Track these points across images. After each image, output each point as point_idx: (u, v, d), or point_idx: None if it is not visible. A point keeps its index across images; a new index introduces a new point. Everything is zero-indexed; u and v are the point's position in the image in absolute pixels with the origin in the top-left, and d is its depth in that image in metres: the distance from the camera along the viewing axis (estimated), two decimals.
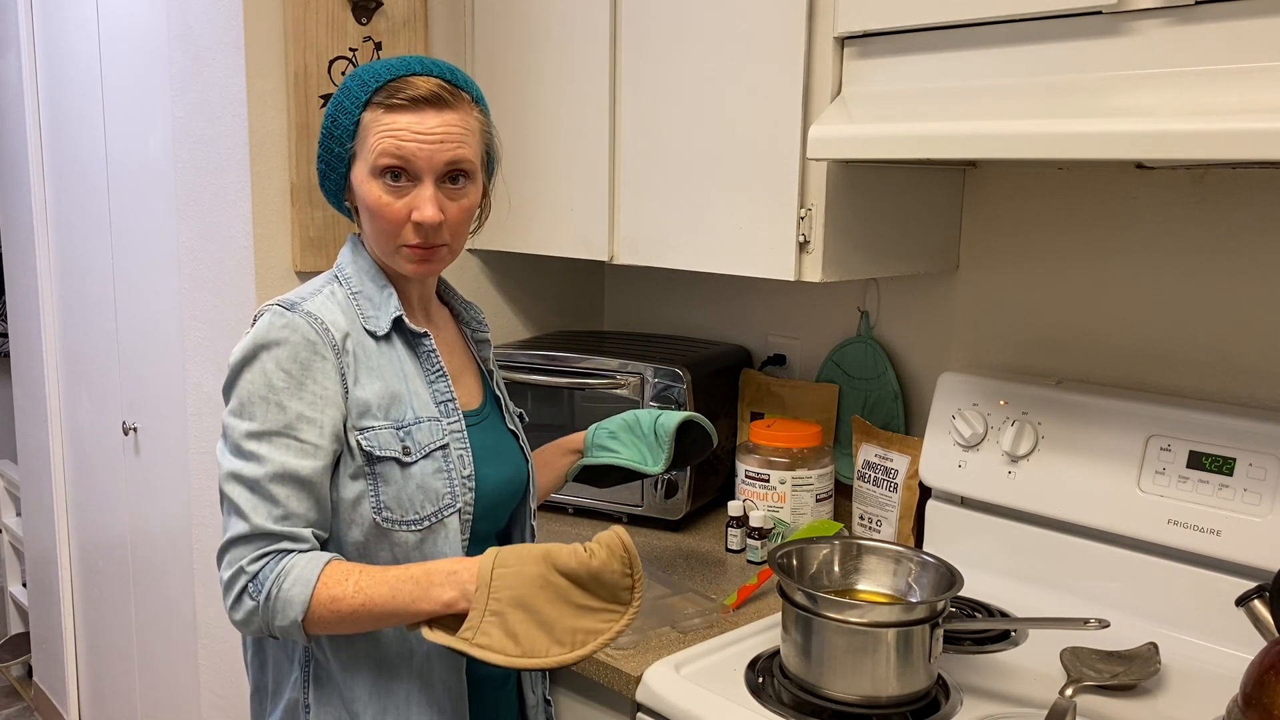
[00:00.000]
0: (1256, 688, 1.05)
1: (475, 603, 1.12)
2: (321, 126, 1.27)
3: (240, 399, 1.18)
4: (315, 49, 1.88)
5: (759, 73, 1.57)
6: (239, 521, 1.16)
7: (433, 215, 1.21)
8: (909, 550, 1.40)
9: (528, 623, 1.12)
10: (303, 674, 1.26)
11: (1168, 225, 1.57)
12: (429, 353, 1.29)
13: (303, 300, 1.23)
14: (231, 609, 1.16)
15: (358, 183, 1.24)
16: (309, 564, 1.15)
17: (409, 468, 1.22)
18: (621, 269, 2.41)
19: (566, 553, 1.13)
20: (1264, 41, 1.13)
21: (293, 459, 1.16)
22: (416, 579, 1.14)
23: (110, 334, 2.53)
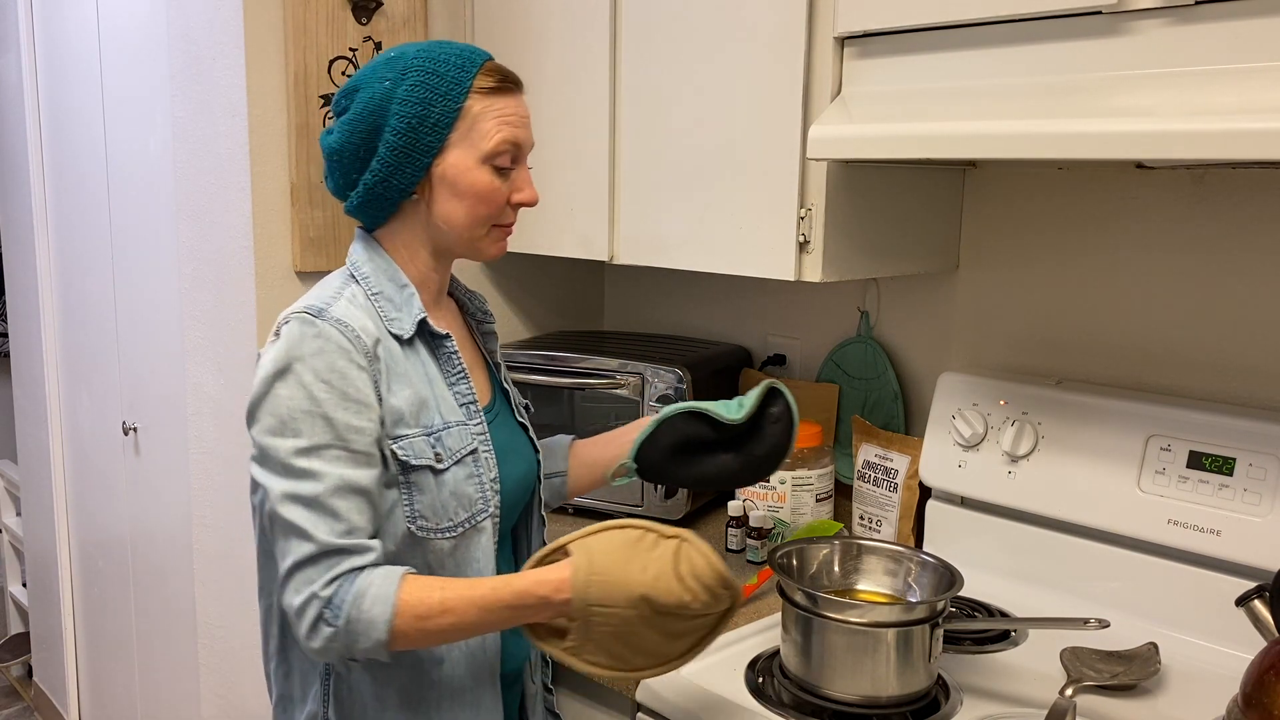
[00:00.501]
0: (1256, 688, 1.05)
1: (575, 630, 1.12)
2: (391, 118, 1.18)
3: (279, 416, 1.12)
4: (315, 49, 1.88)
5: (759, 73, 1.57)
6: (302, 543, 1.11)
7: (535, 195, 1.25)
8: (909, 550, 1.40)
9: (628, 649, 1.13)
10: (322, 686, 1.24)
11: (1168, 225, 1.57)
12: (450, 354, 1.25)
13: (327, 306, 1.17)
14: (307, 637, 1.11)
15: (456, 172, 1.20)
16: (385, 581, 1.11)
17: (442, 475, 1.19)
18: (621, 269, 2.41)
19: (664, 592, 1.09)
20: (1264, 41, 1.13)
21: (349, 470, 1.13)
22: (510, 605, 1.12)
23: (110, 334, 2.53)
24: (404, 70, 1.19)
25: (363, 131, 1.20)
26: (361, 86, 1.21)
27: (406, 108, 1.18)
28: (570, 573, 1.11)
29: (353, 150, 1.21)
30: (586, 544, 1.14)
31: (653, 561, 1.11)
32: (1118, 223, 1.62)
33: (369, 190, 1.21)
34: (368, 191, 1.22)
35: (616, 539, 1.14)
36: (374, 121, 1.19)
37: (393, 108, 1.18)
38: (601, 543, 1.14)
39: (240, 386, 1.97)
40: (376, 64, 1.22)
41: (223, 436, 2.04)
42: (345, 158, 1.22)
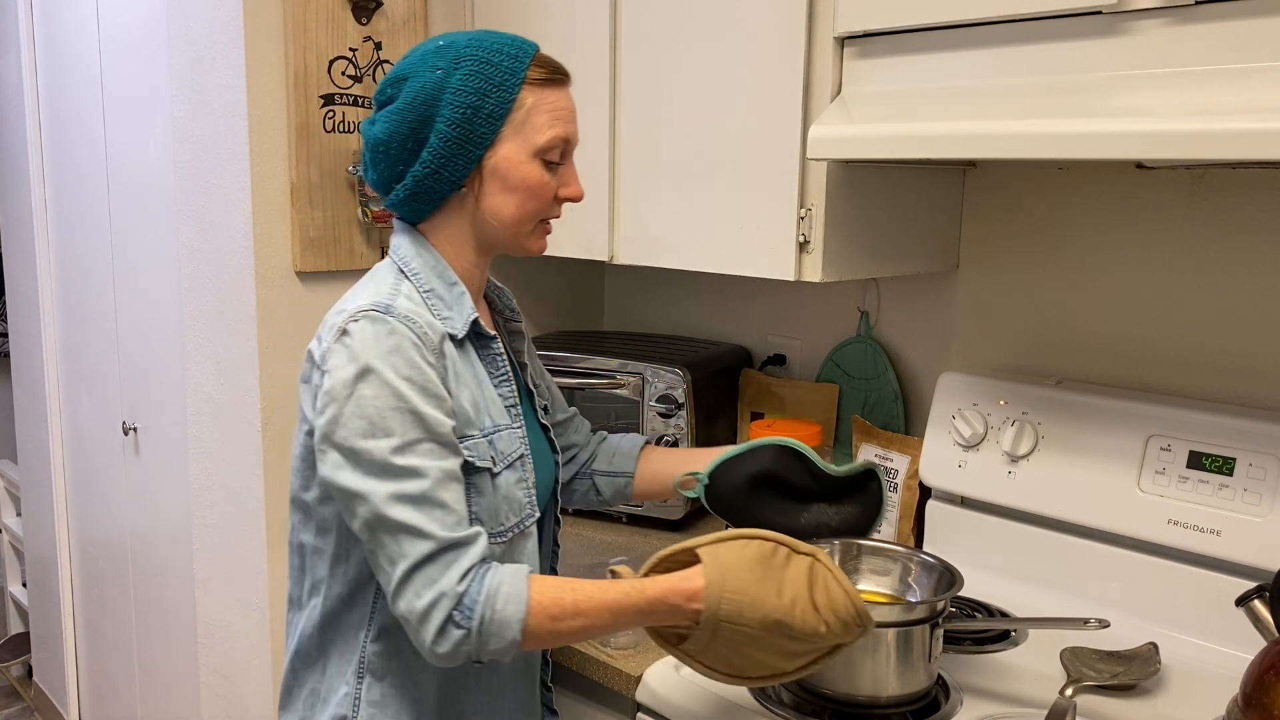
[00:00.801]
0: (1256, 688, 1.05)
1: (698, 638, 1.10)
2: (444, 108, 1.15)
3: (368, 418, 1.08)
4: (315, 49, 1.88)
5: (759, 73, 1.57)
6: (418, 541, 1.07)
7: (581, 190, 1.23)
8: (909, 550, 1.40)
9: (748, 661, 1.12)
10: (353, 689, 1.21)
11: (1167, 225, 1.57)
12: (496, 355, 1.23)
13: (392, 302, 1.14)
14: (436, 641, 1.07)
15: (508, 165, 1.17)
16: (515, 580, 1.09)
17: (497, 478, 1.18)
18: (621, 269, 2.41)
19: (799, 620, 1.08)
20: (1264, 41, 1.13)
21: (447, 461, 1.11)
22: (641, 610, 1.10)
23: (110, 334, 2.53)
24: (456, 59, 1.15)
25: (413, 121, 1.16)
26: (410, 75, 1.17)
27: (460, 97, 1.14)
28: (703, 585, 1.09)
29: (401, 141, 1.17)
30: (717, 555, 1.11)
31: (788, 584, 1.09)
32: (1118, 223, 1.62)
33: (418, 182, 1.18)
34: (417, 184, 1.18)
35: (749, 553, 1.11)
36: (425, 111, 1.15)
37: (445, 97, 1.14)
38: (733, 556, 1.10)
39: (240, 387, 1.97)
40: (424, 52, 1.18)
41: (223, 437, 2.05)
42: (392, 149, 1.18)
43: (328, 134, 1.91)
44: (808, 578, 1.10)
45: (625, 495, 1.47)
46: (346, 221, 1.96)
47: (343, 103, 1.93)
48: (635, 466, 1.47)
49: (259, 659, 2.05)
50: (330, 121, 1.91)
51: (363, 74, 1.95)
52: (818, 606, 1.09)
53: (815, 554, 1.13)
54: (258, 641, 2.05)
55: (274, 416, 1.95)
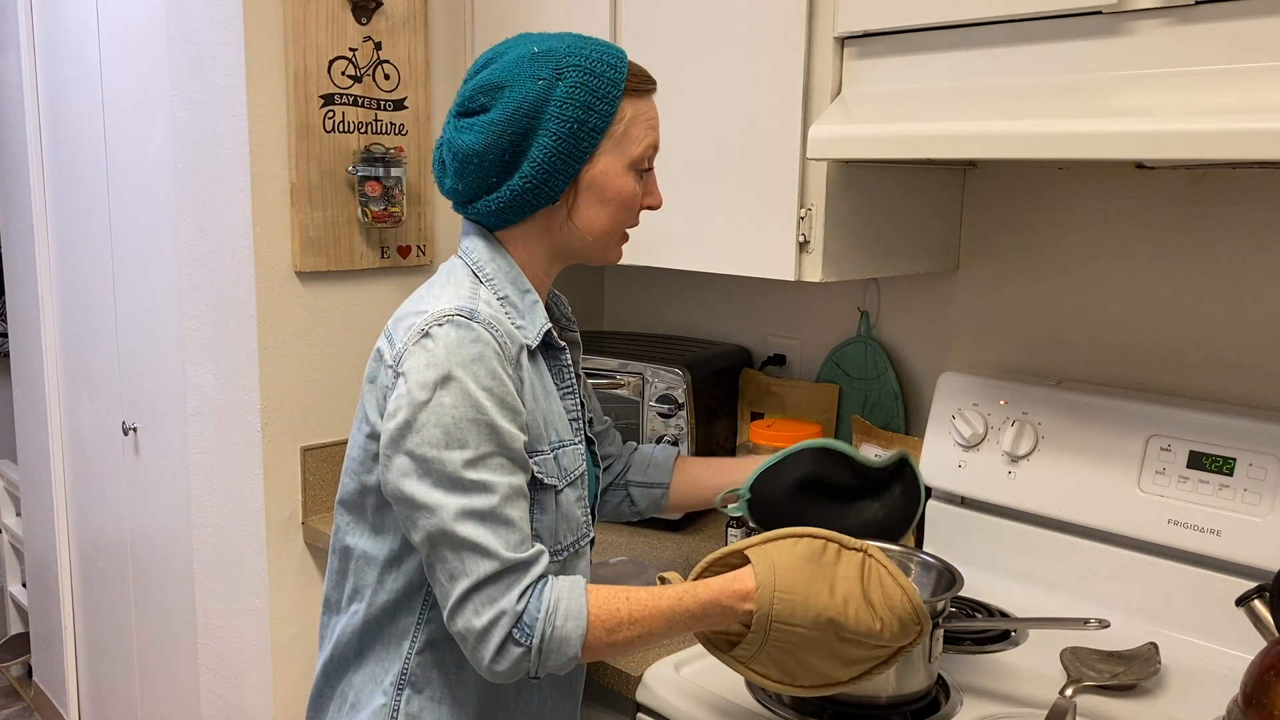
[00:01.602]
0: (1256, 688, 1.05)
1: (750, 640, 1.07)
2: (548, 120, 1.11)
3: (444, 427, 1.05)
4: (315, 49, 1.88)
5: (759, 73, 1.57)
6: (482, 560, 1.05)
7: (662, 199, 1.23)
8: (909, 550, 1.40)
9: (801, 667, 1.09)
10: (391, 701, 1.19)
11: (1167, 225, 1.57)
12: (564, 367, 1.20)
13: (475, 307, 1.10)
14: (494, 659, 1.05)
15: (606, 178, 1.15)
16: (572, 595, 1.07)
17: (559, 495, 1.16)
18: (621, 269, 2.41)
19: (853, 619, 1.05)
20: (1264, 41, 1.13)
21: (514, 477, 1.08)
22: (695, 615, 1.08)
23: (110, 334, 2.53)
24: (558, 69, 1.12)
25: (514, 133, 1.12)
26: (508, 85, 1.12)
27: (568, 110, 1.11)
28: (755, 585, 1.06)
29: (498, 153, 1.12)
30: (767, 554, 1.09)
31: (840, 581, 1.06)
32: (1118, 223, 1.62)
33: (515, 196, 1.14)
34: (514, 197, 1.14)
35: (799, 551, 1.08)
36: (527, 124, 1.11)
37: (550, 109, 1.11)
38: (783, 555, 1.08)
39: (241, 387, 1.97)
40: (519, 59, 1.13)
41: (223, 437, 2.05)
42: (488, 161, 1.13)
43: (328, 134, 1.91)
44: (860, 574, 1.07)
45: (660, 506, 1.46)
46: (346, 222, 1.96)
47: (343, 103, 1.93)
48: (670, 478, 1.46)
49: (259, 659, 2.05)
50: (330, 121, 1.91)
51: (363, 74, 1.95)
52: (872, 603, 1.06)
53: (866, 548, 1.10)
54: (258, 641, 2.05)
55: (274, 416, 1.95)
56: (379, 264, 2.02)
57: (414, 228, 2.05)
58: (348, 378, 2.04)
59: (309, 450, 1.99)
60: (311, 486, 2.01)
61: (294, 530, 2.01)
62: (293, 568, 2.02)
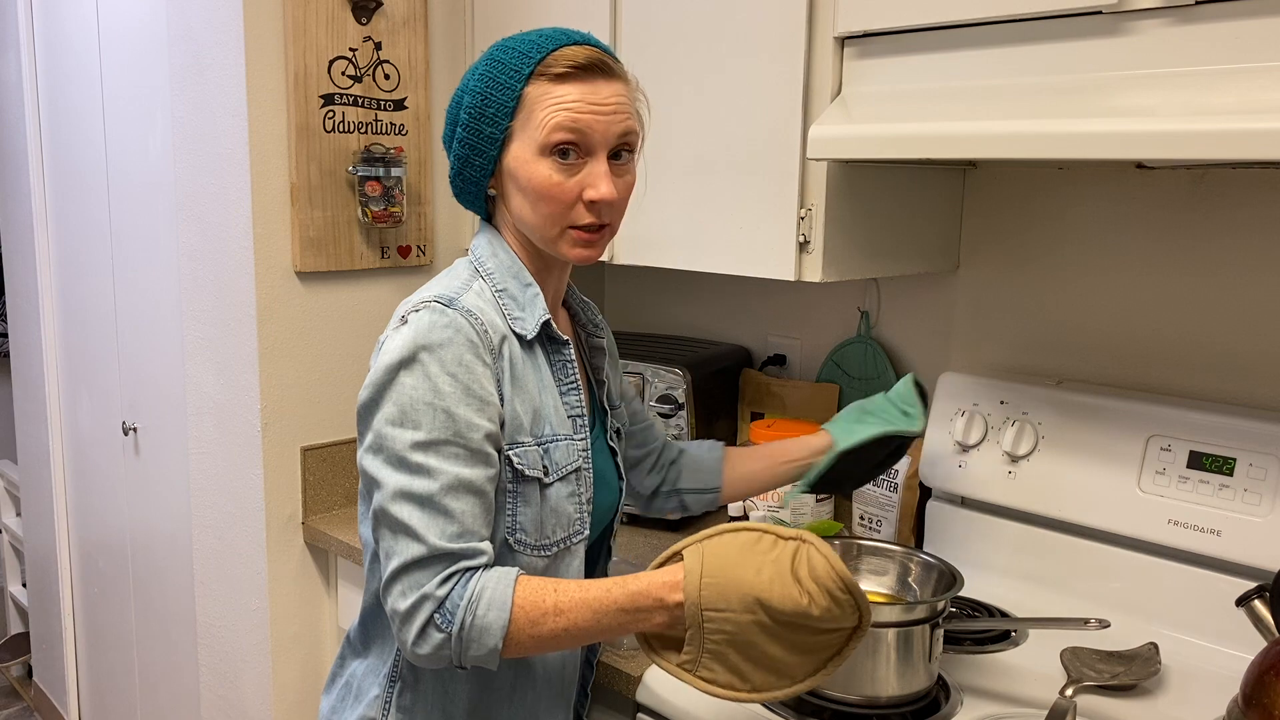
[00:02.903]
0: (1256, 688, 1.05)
1: (689, 640, 1.05)
2: (462, 109, 1.16)
3: (400, 406, 1.06)
4: (315, 49, 1.88)
5: (759, 73, 1.57)
6: (412, 543, 1.05)
7: (608, 192, 1.12)
8: (909, 550, 1.40)
9: (749, 662, 1.06)
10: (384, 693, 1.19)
11: (1167, 225, 1.57)
12: (567, 362, 1.20)
13: (458, 295, 1.12)
14: (416, 643, 1.05)
15: (517, 164, 1.13)
16: (500, 584, 1.06)
17: (547, 489, 1.15)
18: (621, 269, 2.41)
19: (779, 596, 1.02)
20: (1264, 41, 1.13)
21: (465, 469, 1.07)
22: (623, 608, 1.06)
23: (110, 334, 2.53)
24: (484, 59, 1.16)
25: (449, 122, 1.19)
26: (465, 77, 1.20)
27: (470, 97, 1.15)
28: (683, 575, 1.05)
29: (446, 139, 1.20)
30: (700, 547, 1.08)
31: (768, 564, 1.04)
32: (1118, 223, 1.62)
33: (453, 180, 1.20)
34: (453, 181, 1.21)
35: (733, 542, 1.07)
36: (454, 112, 1.18)
37: (464, 98, 1.16)
38: (716, 545, 1.07)
39: (241, 387, 1.97)
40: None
41: (223, 437, 2.05)
42: (445, 144, 1.21)
43: (328, 134, 1.91)
44: (791, 557, 1.05)
45: (715, 505, 1.49)
46: (346, 221, 1.96)
47: (343, 103, 1.93)
48: (721, 480, 1.46)
49: (259, 659, 2.05)
50: (330, 121, 1.91)
51: (362, 74, 1.95)
52: (800, 579, 1.03)
53: (802, 536, 1.08)
54: (258, 641, 2.05)
55: (274, 417, 1.95)
56: (379, 264, 2.02)
57: (414, 228, 2.05)
58: (348, 378, 2.04)
59: (309, 450, 1.99)
60: (311, 487, 2.00)
61: (294, 530, 2.01)
62: (293, 568, 2.02)
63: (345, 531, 1.95)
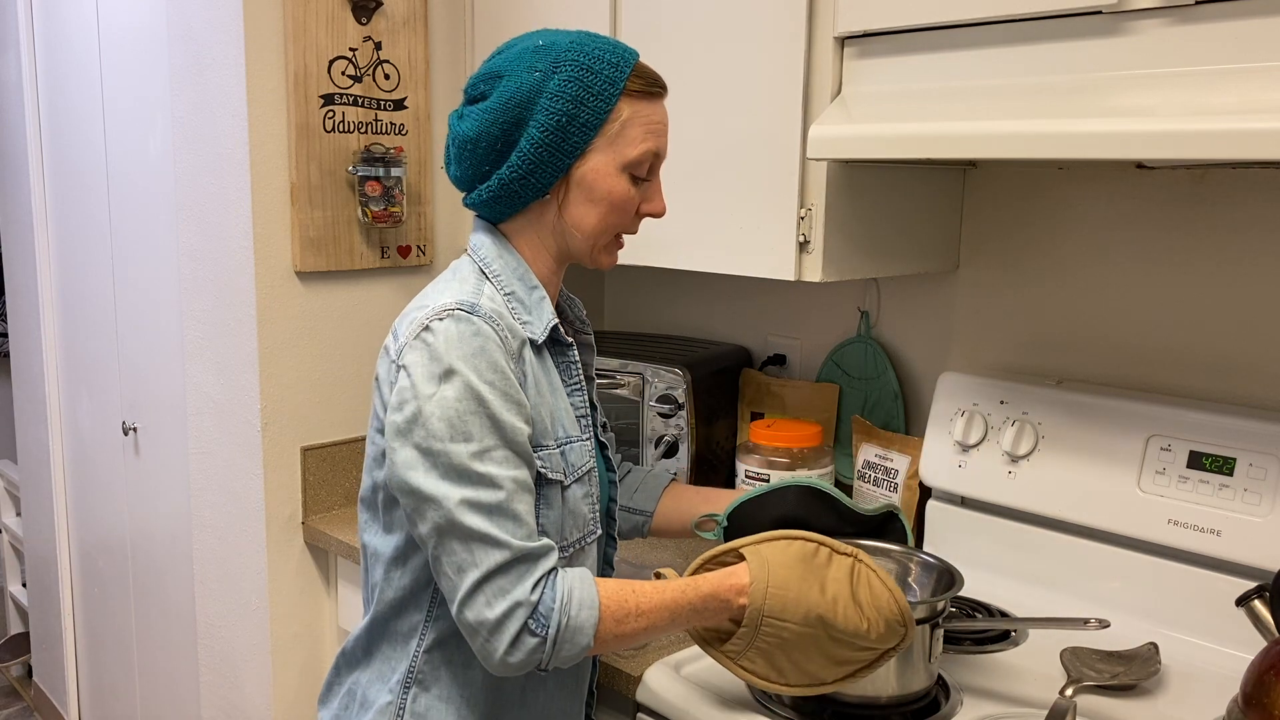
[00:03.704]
0: (1256, 688, 1.05)
1: (741, 636, 1.11)
2: (539, 112, 1.11)
3: (448, 420, 1.05)
4: (315, 49, 1.88)
5: (759, 73, 1.57)
6: (493, 551, 1.04)
7: (665, 207, 1.20)
8: (909, 550, 1.40)
9: (791, 663, 1.12)
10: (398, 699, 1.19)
11: (1168, 225, 1.57)
12: (571, 364, 1.20)
13: (476, 301, 1.10)
14: (509, 651, 1.05)
15: (596, 176, 1.14)
16: (583, 585, 1.08)
17: (566, 491, 1.16)
18: (621, 269, 2.41)
19: (841, 618, 1.09)
20: (1264, 41, 1.13)
21: (521, 471, 1.08)
22: (695, 608, 1.11)
23: (110, 334, 2.53)
24: (556, 62, 1.11)
25: (505, 123, 1.12)
26: (506, 74, 1.13)
27: (557, 103, 1.11)
28: (749, 580, 1.10)
29: (490, 141, 1.13)
30: (760, 552, 1.12)
31: (830, 582, 1.10)
32: (1118, 223, 1.62)
33: (503, 185, 1.15)
34: (502, 186, 1.15)
35: (792, 552, 1.12)
36: (519, 114, 1.12)
37: (541, 101, 1.11)
38: (777, 554, 1.12)
39: (241, 387, 1.97)
40: (522, 51, 1.14)
41: (223, 437, 2.05)
42: (480, 148, 1.14)
43: (328, 134, 1.91)
44: (849, 577, 1.11)
45: (641, 532, 1.46)
46: (346, 221, 1.96)
47: (343, 103, 1.93)
48: (655, 506, 1.45)
49: (259, 659, 2.05)
50: (330, 121, 1.92)
51: (363, 74, 1.95)
52: (860, 604, 1.10)
53: (857, 554, 1.14)
54: (258, 641, 2.05)
55: (274, 416, 1.95)
56: (379, 264, 2.02)
57: (414, 228, 2.06)
58: (348, 378, 2.04)
59: (309, 450, 1.99)
60: (311, 486, 2.01)
61: (294, 530, 2.01)
62: (293, 568, 2.02)
63: (345, 531, 1.95)
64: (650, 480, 1.48)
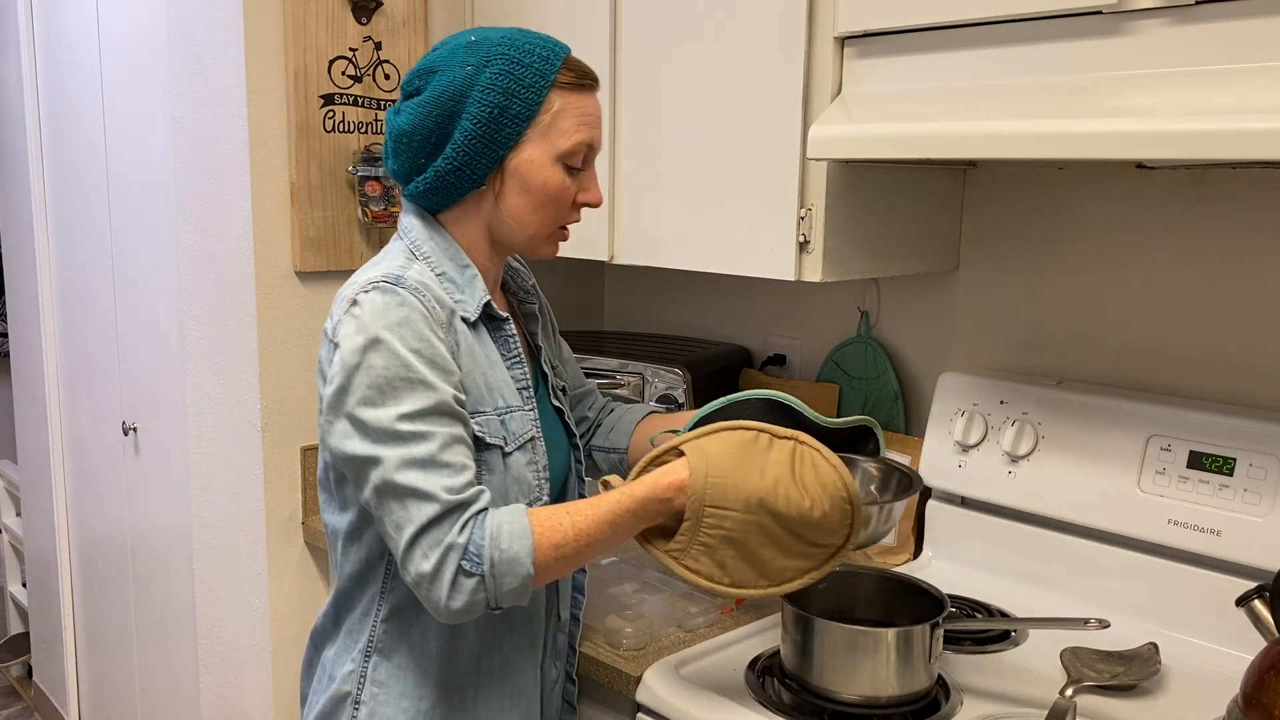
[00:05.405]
0: (1256, 688, 1.05)
1: (684, 531, 1.11)
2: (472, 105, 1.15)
3: (377, 386, 1.09)
4: (315, 49, 1.88)
5: (759, 73, 1.57)
6: (424, 504, 1.08)
7: (601, 197, 1.23)
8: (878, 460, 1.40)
9: (737, 559, 1.11)
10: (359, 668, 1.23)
11: (1168, 225, 1.57)
12: (509, 337, 1.24)
13: (403, 273, 1.14)
14: (450, 596, 1.07)
15: (529, 167, 1.17)
16: (514, 517, 1.09)
17: (508, 458, 1.19)
18: (621, 269, 2.41)
19: (783, 499, 1.08)
20: (1264, 41, 1.13)
21: (455, 428, 1.11)
22: (634, 513, 1.11)
23: (110, 334, 2.53)
24: (487, 57, 1.16)
25: (438, 116, 1.16)
26: (439, 69, 1.17)
27: (489, 96, 1.15)
28: (688, 474, 1.10)
29: (425, 134, 1.18)
30: (700, 446, 1.13)
31: (771, 465, 1.09)
32: (1118, 223, 1.62)
33: (439, 177, 1.19)
34: (438, 178, 1.19)
35: (731, 440, 1.12)
36: (452, 107, 1.16)
37: (474, 94, 1.15)
38: (716, 445, 1.12)
39: (241, 387, 1.97)
40: (454, 47, 1.18)
41: (223, 437, 2.05)
42: (415, 141, 1.18)
43: (328, 134, 1.91)
44: (791, 459, 1.10)
45: (621, 470, 1.47)
46: (346, 221, 1.96)
47: (343, 103, 1.93)
48: (629, 441, 1.46)
49: (259, 659, 2.05)
50: (330, 121, 1.92)
51: (363, 74, 1.95)
52: (805, 484, 1.08)
53: (797, 437, 1.13)
54: (258, 641, 2.05)
55: (274, 416, 1.95)
56: None
57: None
58: None
59: (309, 450, 1.99)
60: (311, 486, 2.00)
61: (294, 530, 2.01)
62: (293, 568, 2.02)
63: None
64: (626, 417, 1.49)
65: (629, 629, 1.45)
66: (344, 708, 1.23)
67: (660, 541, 1.14)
